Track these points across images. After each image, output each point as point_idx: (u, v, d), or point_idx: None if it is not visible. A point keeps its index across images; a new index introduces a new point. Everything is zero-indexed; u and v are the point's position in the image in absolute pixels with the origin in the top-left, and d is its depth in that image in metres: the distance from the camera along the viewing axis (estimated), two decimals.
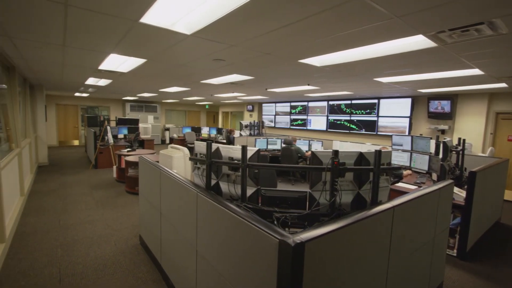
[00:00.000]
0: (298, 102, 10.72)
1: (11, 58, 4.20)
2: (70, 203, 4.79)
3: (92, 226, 3.87)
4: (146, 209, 3.15)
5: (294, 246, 1.11)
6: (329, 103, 9.51)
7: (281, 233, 1.23)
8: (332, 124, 9.47)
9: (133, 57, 3.75)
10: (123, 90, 9.10)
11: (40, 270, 2.77)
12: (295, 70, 4.23)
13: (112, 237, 3.55)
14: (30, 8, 2.11)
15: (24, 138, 5.96)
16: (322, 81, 5.42)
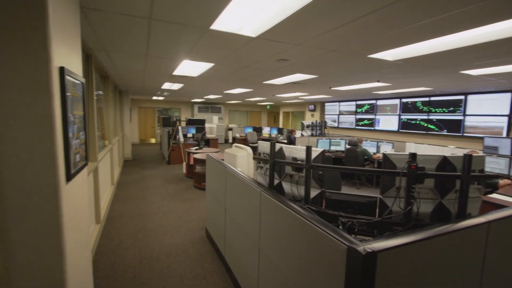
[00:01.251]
0: (365, 101, 10.00)
1: (107, 68, 4.98)
2: (148, 194, 5.43)
3: (166, 216, 4.31)
4: (212, 204, 3.35)
5: (365, 255, 1.02)
6: (401, 100, 8.60)
7: (349, 239, 1.15)
8: (405, 124, 8.54)
9: (202, 62, 4.04)
10: (192, 93, 9.91)
11: (125, 250, 3.21)
12: (363, 66, 3.95)
13: (182, 227, 3.88)
14: (122, 25, 2.45)
15: (114, 136, 7.00)
16: (394, 77, 4.94)
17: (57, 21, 1.22)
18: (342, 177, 6.58)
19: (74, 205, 1.45)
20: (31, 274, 1.23)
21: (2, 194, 1.14)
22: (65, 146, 1.27)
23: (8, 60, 1.10)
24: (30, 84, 1.13)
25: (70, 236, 1.36)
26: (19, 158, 1.14)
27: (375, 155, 6.22)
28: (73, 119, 1.37)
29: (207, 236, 3.58)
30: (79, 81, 1.50)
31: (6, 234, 1.17)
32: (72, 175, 1.34)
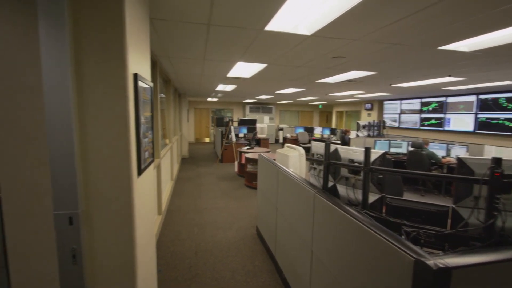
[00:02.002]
0: (432, 98, 8.96)
1: (168, 73, 5.42)
2: (203, 191, 5.75)
3: (219, 212, 4.51)
4: (263, 203, 3.39)
5: (436, 270, 0.91)
6: (479, 97, 7.48)
7: (416, 251, 1.04)
8: (484, 124, 7.41)
9: (255, 63, 4.11)
10: (244, 94, 10.18)
11: (183, 241, 3.45)
12: (432, 59, 3.55)
13: (234, 224, 4.01)
14: (183, 32, 2.63)
15: (174, 136, 7.60)
16: (470, 71, 4.32)
17: (132, 32, 1.37)
18: (403, 182, 6.02)
19: (142, 197, 1.61)
20: (109, 255, 1.40)
21: (88, 184, 1.33)
22: (137, 144, 1.42)
23: (94, 69, 1.27)
24: (111, 89, 1.29)
25: (140, 224, 1.51)
26: (102, 153, 1.31)
27: (444, 159, 5.54)
28: (143, 119, 1.52)
29: (257, 234, 3.63)
30: (148, 86, 1.66)
31: (89, 219, 1.36)
32: (142, 170, 1.50)
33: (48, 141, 1.22)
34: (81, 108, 1.27)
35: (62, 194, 1.27)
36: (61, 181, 1.26)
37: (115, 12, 1.25)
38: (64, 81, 1.20)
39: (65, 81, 1.20)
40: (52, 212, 1.27)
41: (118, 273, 1.43)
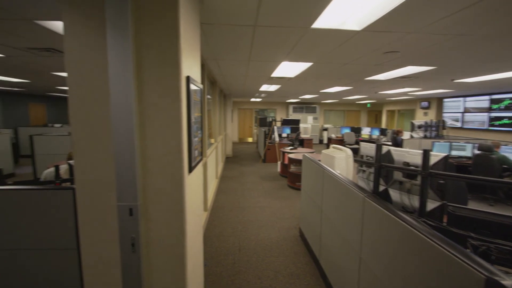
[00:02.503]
0: (505, 94, 7.82)
1: (215, 75, 5.64)
2: (246, 189, 5.86)
3: (261, 211, 4.55)
4: (307, 205, 3.32)
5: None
6: None
7: (488, 268, 0.91)
8: None
9: (300, 62, 4.05)
10: (288, 94, 10.11)
11: (227, 238, 3.55)
12: (505, 50, 3.09)
13: (276, 224, 4.01)
14: (230, 35, 2.71)
15: (219, 135, 7.88)
16: None
17: (185, 38, 1.45)
18: (469, 190, 5.36)
19: (192, 193, 1.70)
20: (162, 245, 1.51)
21: (146, 179, 1.45)
22: (188, 142, 1.51)
23: (152, 73, 1.38)
24: (166, 91, 1.39)
25: (190, 219, 1.60)
26: (157, 151, 1.42)
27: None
28: (194, 120, 1.60)
29: (300, 236, 3.57)
30: (198, 88, 1.74)
31: (146, 212, 1.48)
32: (192, 168, 1.58)
33: (113, 140, 1.36)
34: (140, 109, 1.39)
35: (124, 188, 1.40)
36: (124, 176, 1.39)
37: (171, 21, 1.34)
38: (127, 86, 1.32)
39: (128, 85, 1.32)
40: (116, 203, 1.41)
41: (170, 263, 1.53)
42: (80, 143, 1.43)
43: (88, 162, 1.44)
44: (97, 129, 1.42)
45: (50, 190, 1.91)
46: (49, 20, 2.40)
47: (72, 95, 1.39)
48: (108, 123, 1.39)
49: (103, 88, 1.37)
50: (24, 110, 10.97)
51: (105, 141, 1.42)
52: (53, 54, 3.74)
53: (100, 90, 1.37)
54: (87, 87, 1.38)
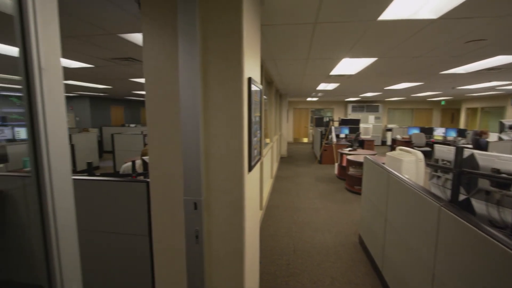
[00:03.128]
0: None
1: (272, 75, 5.69)
2: (301, 190, 5.76)
3: (317, 213, 4.41)
4: (368, 211, 3.11)
5: None
6: None
7: None
8: None
9: (363, 58, 3.80)
10: (347, 92, 9.61)
11: (281, 237, 3.55)
12: None
13: (333, 228, 3.84)
14: (289, 34, 2.69)
15: (274, 135, 7.93)
16: None
17: (247, 41, 1.49)
18: None
19: (251, 191, 1.74)
20: (222, 240, 1.58)
21: (208, 176, 1.54)
22: (249, 142, 1.55)
23: (216, 76, 1.45)
24: (229, 93, 1.45)
25: (248, 216, 1.64)
26: (220, 151, 1.49)
27: None
28: (254, 120, 1.63)
29: (360, 243, 3.36)
30: (258, 88, 1.78)
31: (209, 207, 1.57)
32: (252, 167, 1.62)
33: (181, 139, 1.47)
34: (205, 111, 1.48)
35: (190, 183, 1.51)
36: (190, 172, 1.50)
37: (235, 26, 1.39)
38: (195, 89, 1.42)
39: (195, 88, 1.42)
40: (183, 197, 1.53)
41: (229, 257, 1.59)
42: (154, 141, 1.59)
43: (160, 159, 1.60)
44: (168, 129, 1.56)
45: (127, 182, 2.18)
46: (129, 33, 2.74)
47: (148, 99, 1.55)
48: (178, 124, 1.51)
49: (174, 91, 1.49)
50: (107, 112, 12.78)
51: (175, 140, 1.55)
52: (131, 63, 4.26)
53: (171, 94, 1.50)
54: (161, 91, 1.53)
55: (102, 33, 2.70)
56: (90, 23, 2.42)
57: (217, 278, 1.62)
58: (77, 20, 2.34)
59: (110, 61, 4.14)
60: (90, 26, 2.50)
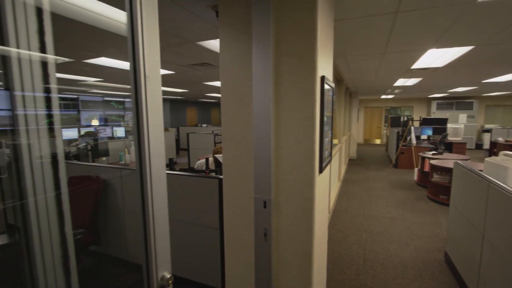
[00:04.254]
0: None
1: (342, 72, 5.40)
2: (373, 196, 5.32)
3: (392, 223, 4.01)
4: (458, 225, 2.67)
5: None
6: None
7: None
8: None
9: (454, 48, 3.28)
10: (431, 87, 8.45)
11: (350, 245, 3.34)
12: None
13: (412, 241, 3.43)
14: (363, 28, 2.51)
15: (343, 136, 7.52)
16: None
17: (321, 39, 1.45)
18: None
19: (321, 193, 1.69)
20: (290, 240, 1.58)
21: (278, 176, 1.55)
22: (320, 143, 1.50)
23: (288, 76, 1.45)
24: (301, 93, 1.43)
25: (317, 219, 1.59)
26: (290, 151, 1.49)
27: None
28: (326, 120, 1.58)
29: (446, 261, 2.91)
30: (330, 87, 1.71)
31: (278, 206, 1.58)
32: (322, 168, 1.57)
33: (253, 139, 1.52)
34: (277, 111, 1.49)
35: (260, 182, 1.55)
36: (260, 171, 1.54)
37: (309, 24, 1.37)
38: (267, 90, 1.45)
39: (268, 90, 1.44)
40: (253, 195, 1.58)
41: (297, 257, 1.57)
42: (228, 141, 1.69)
43: (233, 157, 1.68)
44: (241, 129, 1.64)
45: (202, 178, 2.37)
46: (206, 40, 2.97)
47: (224, 100, 1.65)
48: (250, 124, 1.57)
49: (247, 93, 1.56)
50: (183, 113, 14.22)
51: (247, 140, 1.61)
52: (206, 68, 4.63)
53: (245, 95, 1.57)
54: (235, 93, 1.61)
55: (183, 42, 3.01)
56: (175, 34, 2.72)
57: (284, 277, 1.62)
58: (165, 32, 2.65)
59: (187, 67, 4.58)
60: (174, 37, 2.81)
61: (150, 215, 0.65)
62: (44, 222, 0.63)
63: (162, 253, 0.70)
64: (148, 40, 0.63)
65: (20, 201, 0.60)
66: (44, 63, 0.59)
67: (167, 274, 0.72)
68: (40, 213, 0.62)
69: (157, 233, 0.68)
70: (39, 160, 0.61)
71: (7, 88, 0.53)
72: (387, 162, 8.86)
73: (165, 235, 0.71)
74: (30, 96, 0.57)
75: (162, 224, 0.70)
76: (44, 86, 0.59)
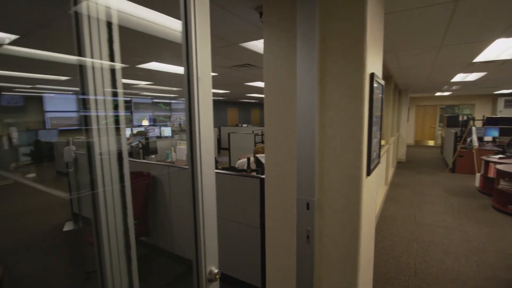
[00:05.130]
0: None
1: (391, 69, 5.05)
2: (425, 203, 4.88)
3: (448, 233, 3.63)
4: None
5: None
6: None
7: None
8: None
9: None
10: (498, 83, 7.47)
11: (398, 254, 3.10)
12: None
13: (472, 255, 3.06)
14: (417, 20, 2.31)
15: (391, 137, 7.04)
16: None
17: (370, 34, 1.37)
18: None
19: (368, 197, 1.60)
20: (334, 243, 1.52)
21: (322, 178, 1.50)
22: (368, 144, 1.42)
23: (334, 75, 1.40)
24: (347, 91, 1.37)
25: (364, 224, 1.51)
26: (335, 152, 1.43)
27: None
28: (375, 119, 1.49)
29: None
30: (380, 84, 1.60)
31: (321, 208, 1.53)
32: (371, 171, 1.48)
33: (296, 139, 1.50)
34: (322, 111, 1.45)
35: (303, 183, 1.52)
36: (303, 172, 1.51)
37: (357, 19, 1.30)
38: (311, 90, 1.41)
39: (312, 89, 1.41)
40: (296, 196, 1.55)
41: (341, 263, 1.51)
42: (271, 140, 1.69)
43: (275, 157, 1.68)
44: (284, 129, 1.62)
45: (244, 177, 2.41)
46: (248, 41, 3.02)
47: (267, 100, 1.66)
48: (293, 124, 1.55)
49: (291, 93, 1.54)
50: (224, 114, 14.65)
51: (290, 139, 1.59)
52: (248, 68, 4.70)
53: (288, 95, 1.56)
54: (279, 93, 1.60)
55: (227, 44, 3.09)
56: (220, 37, 2.81)
57: (327, 282, 1.57)
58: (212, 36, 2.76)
59: (230, 68, 4.70)
60: (219, 40, 2.91)
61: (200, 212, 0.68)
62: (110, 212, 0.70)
63: (210, 248, 0.73)
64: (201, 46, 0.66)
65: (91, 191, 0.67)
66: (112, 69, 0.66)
67: (214, 268, 0.75)
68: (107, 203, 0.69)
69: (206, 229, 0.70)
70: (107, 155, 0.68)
71: (83, 92, 0.61)
72: (442, 166, 8.07)
73: (213, 231, 0.73)
74: (100, 99, 0.64)
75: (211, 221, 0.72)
76: (112, 90, 0.66)
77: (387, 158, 5.78)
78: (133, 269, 0.75)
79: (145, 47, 3.21)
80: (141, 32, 2.55)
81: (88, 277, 2.69)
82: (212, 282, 0.73)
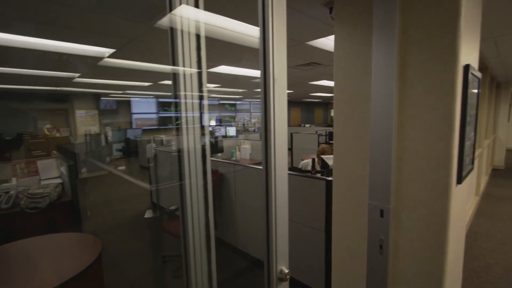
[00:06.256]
0: None
1: (487, 59, 4.27)
2: None
3: None
4: None
5: None
6: None
7: None
8: None
9: None
10: None
11: (495, 279, 2.60)
12: None
13: None
14: None
15: (485, 139, 5.95)
16: None
17: (465, 19, 1.17)
18: None
19: (458, 208, 1.38)
20: (413, 257, 1.35)
21: (400, 183, 1.36)
22: (460, 146, 1.22)
23: (417, 69, 1.25)
24: (434, 87, 1.20)
25: (452, 239, 1.30)
26: (417, 155, 1.28)
27: None
28: (469, 119, 1.27)
29: None
30: (476, 77, 1.37)
31: (398, 217, 1.39)
32: (462, 178, 1.27)
33: (370, 140, 1.39)
34: (401, 110, 1.31)
35: (377, 188, 1.40)
36: (377, 176, 1.39)
37: (449, 3, 1.13)
38: (389, 87, 1.29)
39: (390, 86, 1.29)
40: (367, 201, 1.44)
41: (421, 280, 1.34)
42: (340, 141, 1.61)
43: (345, 159, 1.59)
44: (355, 129, 1.53)
45: (309, 178, 2.36)
46: (315, 39, 2.94)
47: (337, 99, 1.58)
48: (366, 124, 1.44)
49: (363, 91, 1.44)
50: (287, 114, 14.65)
51: (362, 140, 1.49)
52: (313, 67, 4.59)
53: (361, 93, 1.46)
54: (350, 91, 1.52)
55: (294, 43, 3.07)
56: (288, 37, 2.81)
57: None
58: None
59: (295, 68, 4.66)
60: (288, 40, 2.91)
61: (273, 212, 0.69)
62: (195, 204, 0.77)
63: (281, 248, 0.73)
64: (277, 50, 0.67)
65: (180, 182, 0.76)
66: (199, 73, 0.73)
67: (285, 268, 0.75)
68: (192, 194, 0.76)
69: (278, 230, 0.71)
70: (194, 152, 0.75)
71: (175, 96, 0.69)
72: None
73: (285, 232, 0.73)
74: (189, 102, 0.72)
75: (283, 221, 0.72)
76: (199, 94, 0.73)
77: (480, 164, 4.91)
78: (212, 259, 0.81)
79: (217, 52, 3.44)
80: (215, 39, 2.73)
81: (164, 261, 3.03)
82: (283, 281, 0.73)
